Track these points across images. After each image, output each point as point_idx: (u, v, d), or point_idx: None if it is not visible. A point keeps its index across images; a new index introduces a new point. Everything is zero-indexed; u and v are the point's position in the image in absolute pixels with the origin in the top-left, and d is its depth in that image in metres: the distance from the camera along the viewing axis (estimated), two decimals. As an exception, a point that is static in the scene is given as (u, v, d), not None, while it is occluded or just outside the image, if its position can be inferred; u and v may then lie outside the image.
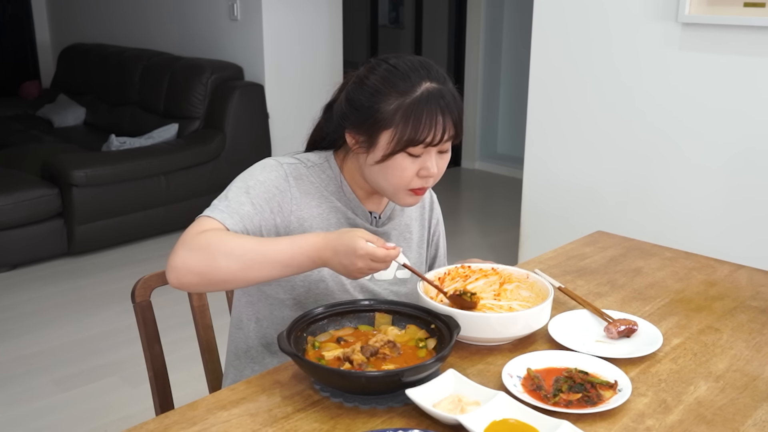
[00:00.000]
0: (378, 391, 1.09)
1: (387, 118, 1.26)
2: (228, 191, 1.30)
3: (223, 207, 1.26)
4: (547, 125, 3.26)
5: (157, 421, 1.06)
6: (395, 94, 1.26)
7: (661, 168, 2.92)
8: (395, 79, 1.27)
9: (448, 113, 1.26)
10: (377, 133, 1.27)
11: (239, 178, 1.33)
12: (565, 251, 1.79)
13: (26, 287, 3.57)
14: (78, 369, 2.82)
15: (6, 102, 5.73)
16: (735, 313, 1.44)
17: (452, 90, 1.30)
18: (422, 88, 1.26)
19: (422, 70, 1.29)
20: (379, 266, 1.16)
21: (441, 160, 1.32)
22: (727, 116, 2.71)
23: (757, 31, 2.58)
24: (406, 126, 1.24)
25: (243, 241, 1.18)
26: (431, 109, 1.25)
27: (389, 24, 6.84)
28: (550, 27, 3.16)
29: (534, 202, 3.37)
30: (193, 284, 1.19)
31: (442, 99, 1.26)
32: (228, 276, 1.17)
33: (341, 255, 1.15)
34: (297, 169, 1.36)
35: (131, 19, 5.46)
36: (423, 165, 1.28)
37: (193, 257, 1.17)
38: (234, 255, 1.16)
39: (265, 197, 1.30)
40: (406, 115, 1.25)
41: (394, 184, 1.30)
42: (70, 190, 3.78)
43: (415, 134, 1.24)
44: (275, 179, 1.32)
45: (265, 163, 1.36)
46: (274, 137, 4.57)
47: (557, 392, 1.10)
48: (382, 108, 1.26)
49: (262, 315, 1.40)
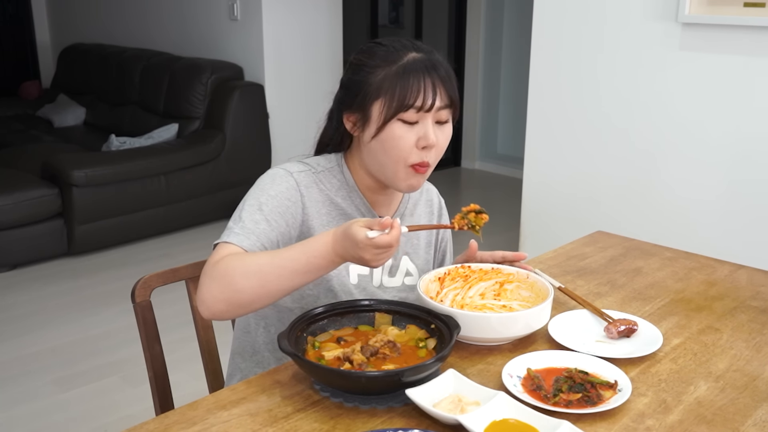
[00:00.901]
0: (378, 391, 1.09)
1: (375, 89, 1.27)
2: (241, 211, 1.28)
3: (239, 229, 1.25)
4: (547, 125, 3.26)
5: (157, 421, 1.06)
6: (382, 65, 1.28)
7: (661, 168, 2.92)
8: (381, 52, 1.29)
9: (438, 77, 1.27)
10: (369, 106, 1.28)
11: (250, 195, 1.31)
12: (565, 251, 1.79)
13: (26, 287, 3.57)
14: (78, 369, 2.82)
15: (6, 102, 5.73)
16: (735, 313, 1.44)
17: (440, 58, 1.30)
18: (408, 57, 1.28)
19: (408, 43, 1.31)
20: (388, 251, 1.12)
21: (440, 131, 1.30)
22: (727, 116, 2.71)
23: (757, 31, 2.58)
24: (393, 92, 1.25)
25: (257, 258, 1.18)
26: (418, 73, 1.26)
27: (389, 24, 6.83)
28: (550, 27, 3.16)
29: (534, 202, 3.37)
30: (224, 311, 1.18)
31: (430, 64, 1.27)
32: (252, 296, 1.16)
33: (350, 250, 1.13)
34: (307, 177, 1.35)
35: (131, 20, 5.46)
36: (420, 134, 1.27)
37: (216, 286, 1.16)
38: (251, 274, 1.15)
39: (279, 211, 1.29)
40: (392, 82, 1.26)
41: (393, 159, 1.29)
42: (70, 190, 3.78)
43: (404, 99, 1.25)
44: (286, 191, 1.31)
45: (274, 174, 1.34)
46: (274, 137, 4.57)
47: (557, 392, 1.10)
48: (370, 80, 1.28)
49: (270, 322, 1.39)
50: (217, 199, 4.39)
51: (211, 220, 4.44)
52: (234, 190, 4.45)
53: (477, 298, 1.39)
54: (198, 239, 4.23)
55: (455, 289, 1.39)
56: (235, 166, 4.38)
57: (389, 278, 1.44)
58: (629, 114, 2.98)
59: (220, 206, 4.43)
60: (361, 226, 1.11)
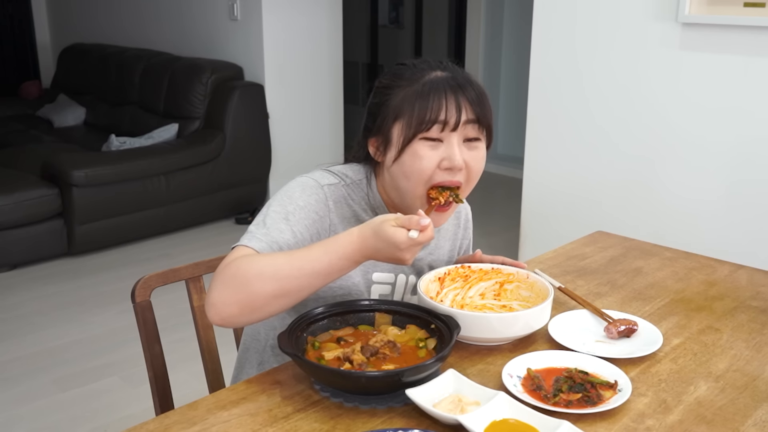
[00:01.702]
0: (378, 391, 1.09)
1: (394, 110, 1.23)
2: (266, 216, 1.23)
3: (261, 235, 1.19)
4: (547, 125, 3.26)
5: (157, 421, 1.06)
6: (402, 85, 1.23)
7: (661, 168, 2.92)
8: (402, 73, 1.25)
9: (461, 92, 1.20)
10: (389, 128, 1.24)
11: (277, 201, 1.26)
12: (565, 251, 1.79)
13: (26, 287, 3.57)
14: (78, 369, 2.82)
15: (6, 102, 5.74)
16: (735, 313, 1.44)
17: (469, 78, 1.24)
18: (430, 76, 1.22)
19: (435, 63, 1.25)
20: (419, 248, 1.11)
21: (469, 151, 1.24)
22: (727, 116, 2.71)
23: (757, 31, 2.58)
24: (413, 110, 1.20)
25: (273, 259, 1.12)
26: (438, 89, 1.20)
27: (389, 24, 6.84)
28: (550, 27, 3.16)
29: (534, 202, 3.37)
30: (235, 316, 1.11)
31: (453, 82, 1.21)
32: (266, 299, 1.10)
33: (384, 251, 1.09)
34: (337, 191, 1.30)
35: (131, 20, 5.46)
36: (444, 154, 1.21)
37: (227, 288, 1.11)
38: (266, 275, 1.10)
39: (306, 224, 1.24)
40: (411, 100, 1.21)
41: (417, 183, 1.23)
42: (70, 190, 3.78)
43: (424, 114, 1.19)
44: (315, 204, 1.26)
45: (304, 183, 1.28)
46: (274, 137, 4.57)
47: (557, 392, 1.10)
48: (390, 102, 1.24)
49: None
50: (217, 199, 4.39)
51: (211, 220, 4.45)
52: (234, 190, 4.45)
53: (477, 298, 1.39)
54: (198, 239, 4.23)
55: (455, 289, 1.39)
56: (235, 166, 4.38)
57: (411, 296, 1.42)
58: (629, 114, 2.98)
59: (220, 206, 4.43)
60: (394, 225, 1.08)
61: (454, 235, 1.51)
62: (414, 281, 1.41)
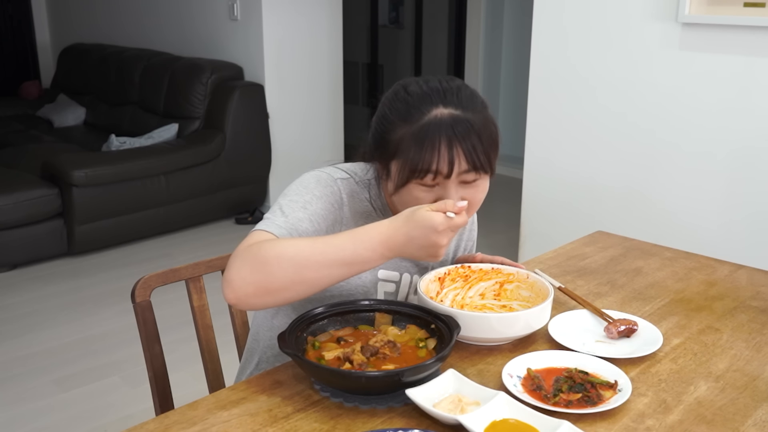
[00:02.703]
0: (378, 391, 1.09)
1: (393, 148, 1.20)
2: (281, 206, 1.23)
3: (281, 222, 1.19)
4: (547, 125, 3.26)
5: (157, 421, 1.06)
6: (401, 123, 1.20)
7: (661, 168, 2.92)
8: (404, 107, 1.21)
9: (457, 142, 1.16)
10: (388, 162, 1.23)
11: (293, 191, 1.26)
12: (565, 251, 1.79)
13: (26, 287, 3.57)
14: (78, 369, 2.82)
15: (6, 102, 5.74)
16: (735, 313, 1.44)
17: (471, 117, 1.19)
18: (430, 116, 1.18)
19: (436, 95, 1.20)
20: (452, 234, 1.09)
21: (466, 190, 1.22)
22: (728, 116, 2.71)
23: (757, 31, 2.58)
24: (408, 155, 1.18)
25: (297, 242, 1.11)
26: (434, 137, 1.16)
27: (389, 24, 6.84)
28: (550, 27, 3.16)
29: (534, 202, 3.37)
30: (250, 296, 1.10)
31: (451, 127, 1.17)
32: (285, 282, 1.08)
33: (419, 239, 1.07)
34: (350, 186, 1.30)
35: (131, 20, 5.46)
36: (439, 197, 1.20)
37: (248, 267, 1.09)
38: (287, 257, 1.08)
39: (323, 214, 1.24)
40: (408, 145, 1.18)
41: None
42: (70, 190, 3.78)
43: (417, 164, 1.17)
44: (330, 195, 1.26)
45: (318, 176, 1.29)
46: (274, 137, 4.57)
47: (557, 392, 1.10)
48: (390, 138, 1.21)
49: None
50: (217, 199, 4.39)
51: (211, 220, 4.45)
52: (234, 190, 4.45)
53: (477, 298, 1.39)
54: (198, 239, 4.23)
55: (455, 289, 1.39)
56: (235, 166, 4.38)
57: (415, 296, 1.42)
58: (629, 114, 2.98)
59: (220, 206, 4.43)
60: (429, 210, 1.07)
61: (459, 236, 1.51)
62: (417, 280, 1.41)
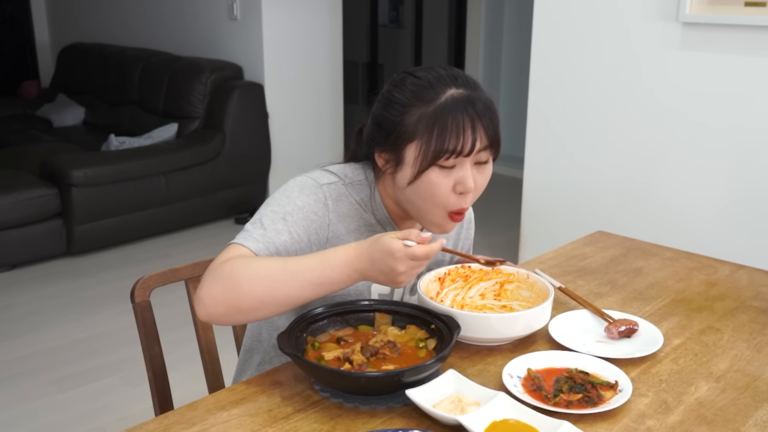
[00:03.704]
0: (378, 392, 1.09)
1: (410, 130, 1.19)
2: (262, 216, 1.22)
3: (259, 236, 1.18)
4: (547, 125, 3.26)
5: (156, 421, 1.06)
6: (418, 104, 1.19)
7: (661, 167, 2.92)
8: (418, 90, 1.20)
9: (477, 119, 1.18)
10: (402, 147, 1.20)
11: (275, 201, 1.24)
12: (565, 251, 1.79)
13: (25, 287, 3.57)
14: (77, 369, 2.82)
15: (5, 102, 5.73)
16: (736, 313, 1.44)
17: (484, 96, 1.21)
18: (446, 95, 1.18)
19: (448, 78, 1.21)
20: (421, 265, 1.09)
21: (479, 173, 1.23)
22: (728, 116, 2.71)
23: (758, 31, 2.58)
24: (431, 136, 1.17)
25: (267, 262, 1.12)
26: (456, 114, 1.17)
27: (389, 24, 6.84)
28: (550, 27, 3.16)
29: (534, 202, 3.37)
30: (222, 314, 1.12)
31: (470, 104, 1.18)
32: (255, 302, 1.10)
33: (379, 263, 1.08)
34: (337, 189, 1.28)
35: (131, 19, 5.46)
36: (457, 178, 1.20)
37: (218, 286, 1.10)
38: (258, 278, 1.10)
39: (304, 225, 1.22)
40: (429, 125, 1.17)
41: (430, 205, 1.22)
42: (70, 190, 3.78)
43: (442, 144, 1.16)
44: (314, 204, 1.25)
45: (303, 183, 1.27)
46: (274, 137, 4.57)
47: (558, 393, 1.10)
48: (405, 120, 1.19)
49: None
50: (217, 199, 4.39)
51: (210, 220, 4.44)
52: (234, 190, 4.45)
53: (477, 299, 1.38)
54: (198, 239, 4.23)
55: (455, 289, 1.39)
56: (234, 166, 4.38)
57: (411, 297, 1.41)
58: (629, 114, 2.98)
59: (220, 206, 4.43)
60: (393, 237, 1.08)
61: (456, 234, 1.50)
62: (414, 282, 1.40)
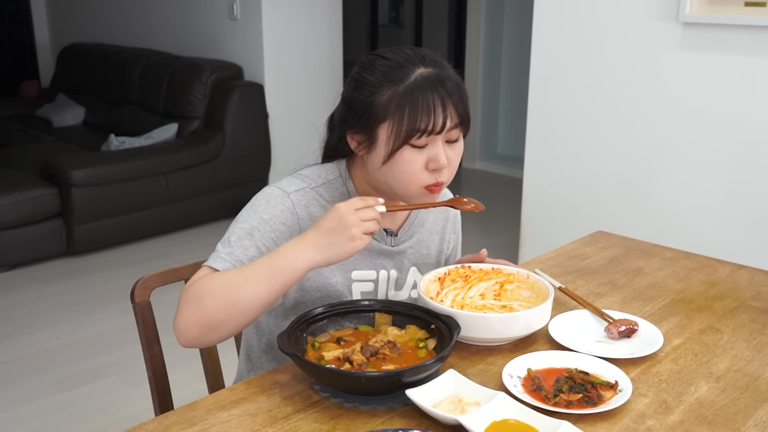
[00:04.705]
0: (378, 392, 1.09)
1: (382, 110, 1.20)
2: (231, 234, 1.24)
3: (226, 255, 1.21)
4: (547, 125, 3.26)
5: (156, 421, 1.06)
6: (388, 84, 1.21)
7: (661, 168, 2.92)
8: (387, 70, 1.22)
9: (447, 97, 1.20)
10: (374, 127, 1.22)
11: (242, 217, 1.26)
12: (565, 251, 1.79)
13: (25, 287, 3.57)
14: (77, 369, 2.82)
15: (5, 102, 5.73)
16: (736, 313, 1.44)
17: (451, 74, 1.23)
18: (416, 74, 1.20)
19: (416, 58, 1.22)
20: (366, 214, 1.12)
21: (451, 150, 1.24)
22: (728, 116, 2.71)
23: (758, 31, 2.57)
24: (402, 115, 1.19)
25: (226, 273, 1.15)
26: (426, 94, 1.18)
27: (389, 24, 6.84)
28: (550, 27, 3.16)
29: (534, 202, 3.37)
30: (197, 337, 1.14)
31: (440, 83, 1.20)
32: (220, 314, 1.12)
33: (325, 223, 1.12)
34: (305, 196, 1.29)
35: (131, 19, 5.46)
36: (430, 156, 1.21)
37: (188, 309, 1.13)
38: (217, 289, 1.12)
39: (272, 237, 1.23)
40: (400, 104, 1.19)
41: (405, 183, 1.23)
42: (70, 190, 3.77)
43: (414, 123, 1.18)
44: (281, 214, 1.26)
45: (269, 194, 1.29)
46: (274, 137, 4.57)
47: (558, 393, 1.10)
48: (376, 101, 1.21)
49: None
50: (217, 199, 4.39)
51: (210, 220, 4.44)
52: (234, 190, 4.45)
53: (477, 299, 1.38)
54: (197, 239, 4.23)
55: (455, 289, 1.39)
56: (234, 166, 4.38)
57: (396, 292, 1.41)
58: (630, 114, 2.98)
59: (220, 206, 4.42)
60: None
61: (443, 229, 1.49)
62: (395, 275, 1.39)
